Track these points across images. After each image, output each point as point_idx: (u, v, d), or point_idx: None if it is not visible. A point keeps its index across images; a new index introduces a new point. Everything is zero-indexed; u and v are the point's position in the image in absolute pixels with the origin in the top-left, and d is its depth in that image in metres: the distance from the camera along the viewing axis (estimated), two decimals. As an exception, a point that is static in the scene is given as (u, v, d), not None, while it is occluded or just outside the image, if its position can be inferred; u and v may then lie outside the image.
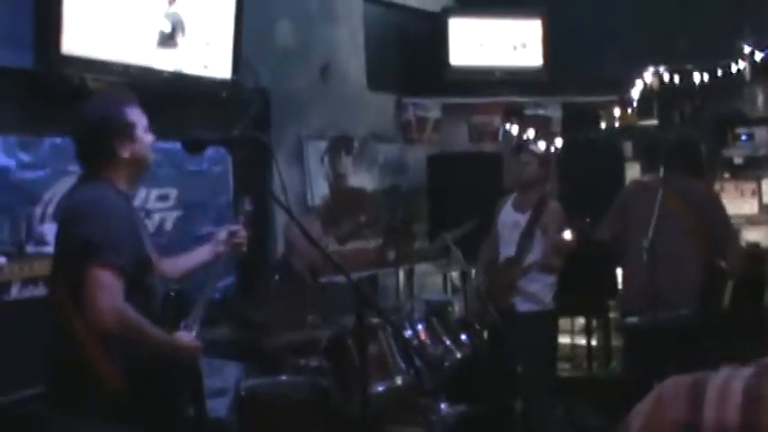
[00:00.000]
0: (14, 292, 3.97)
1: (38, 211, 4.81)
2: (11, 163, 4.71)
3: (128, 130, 3.28)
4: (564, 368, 7.47)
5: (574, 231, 5.52)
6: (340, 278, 3.69)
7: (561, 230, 5.57)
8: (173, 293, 3.39)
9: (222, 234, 3.75)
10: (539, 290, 5.75)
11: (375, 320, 4.55)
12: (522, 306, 5.72)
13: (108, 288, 2.97)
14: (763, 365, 1.08)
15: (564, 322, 7.48)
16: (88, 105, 3.37)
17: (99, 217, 3.13)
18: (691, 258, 5.43)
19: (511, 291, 5.70)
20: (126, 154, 3.27)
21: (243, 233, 3.73)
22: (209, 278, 3.63)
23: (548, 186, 6.08)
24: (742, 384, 1.06)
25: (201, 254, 3.75)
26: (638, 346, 5.78)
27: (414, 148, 8.05)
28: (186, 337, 3.28)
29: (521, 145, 6.56)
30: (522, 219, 5.79)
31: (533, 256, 5.71)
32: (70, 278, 3.06)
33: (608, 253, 6.41)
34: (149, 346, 3.12)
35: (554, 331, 6.21)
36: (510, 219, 5.90)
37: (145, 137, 3.35)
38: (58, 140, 4.92)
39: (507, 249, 5.84)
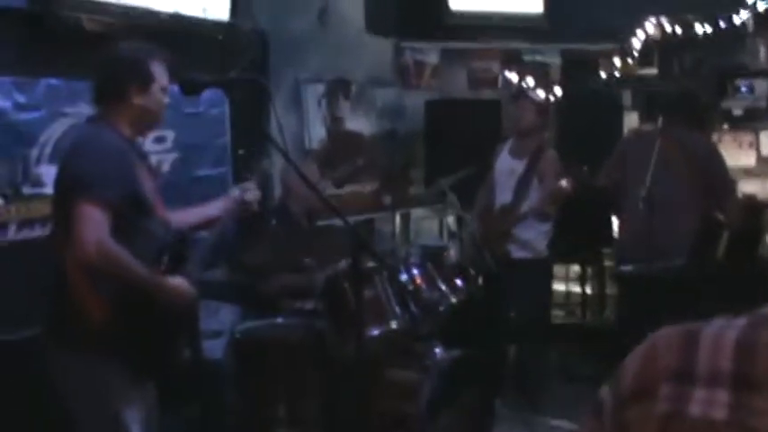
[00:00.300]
0: (11, 233, 3.96)
1: (34, 152, 4.79)
2: (7, 104, 4.68)
3: (146, 80, 3.35)
4: (558, 315, 7.52)
5: (570, 179, 5.53)
6: (336, 222, 3.70)
7: (557, 178, 5.58)
8: (174, 239, 3.39)
9: (235, 192, 3.75)
10: (533, 237, 5.77)
11: (371, 264, 4.57)
12: (517, 253, 5.74)
13: (93, 221, 3.00)
14: (757, 315, 1.09)
15: (559, 269, 7.52)
16: (116, 48, 3.42)
17: (91, 154, 3.17)
18: (687, 208, 5.45)
19: (506, 238, 5.72)
20: (137, 101, 3.30)
21: (256, 193, 3.72)
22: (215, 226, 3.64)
23: (545, 134, 6.07)
24: (735, 334, 1.06)
25: (211, 209, 3.76)
26: (632, 295, 5.81)
27: (412, 94, 8.01)
28: (177, 280, 3.28)
29: (519, 92, 6.54)
30: (519, 166, 5.80)
31: (529, 204, 5.72)
32: (63, 215, 3.09)
33: (604, 201, 6.43)
34: (133, 283, 3.14)
35: (548, 278, 6.25)
36: (506, 165, 5.90)
37: (160, 95, 3.38)
38: (55, 82, 4.90)
39: (503, 196, 5.85)
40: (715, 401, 1.03)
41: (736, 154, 7.63)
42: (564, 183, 5.47)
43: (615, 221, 7.18)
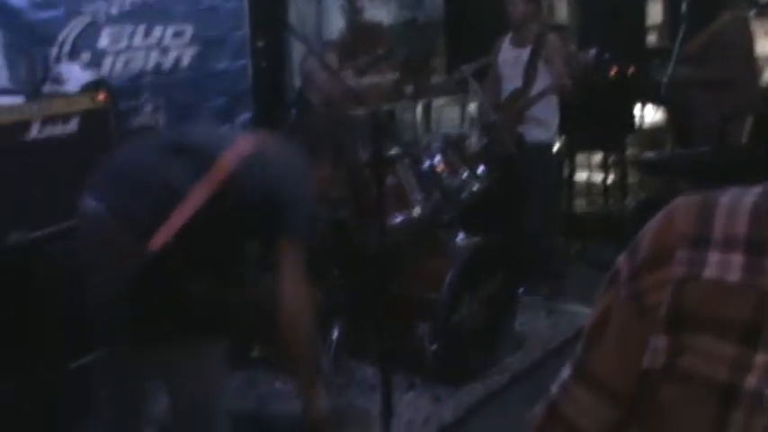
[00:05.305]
0: (34, 131, 3.98)
1: (53, 50, 4.80)
2: (23, 3, 4.66)
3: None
4: (580, 204, 7.53)
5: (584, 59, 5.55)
6: (358, 111, 3.70)
7: (567, 57, 5.58)
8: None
9: None
10: (549, 116, 5.77)
11: (393, 152, 4.57)
12: (533, 135, 5.71)
13: (300, 265, 2.95)
14: (773, 183, 1.10)
15: (581, 158, 7.50)
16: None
17: (309, 195, 3.14)
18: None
19: (519, 120, 5.69)
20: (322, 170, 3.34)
21: None
22: None
23: (543, 19, 6.00)
24: (752, 200, 1.08)
25: None
26: (655, 181, 5.84)
27: (431, -19, 7.89)
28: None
29: None
30: (524, 53, 5.75)
31: (539, 87, 5.69)
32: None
33: (626, 89, 6.40)
34: (301, 349, 3.02)
35: (556, 161, 6.27)
36: (510, 55, 5.86)
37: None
38: (71, -21, 4.87)
39: (512, 84, 5.81)
40: (729, 264, 1.04)
41: (764, 41, 7.51)
42: (592, 53, 5.48)
43: (637, 109, 7.16)
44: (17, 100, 3.99)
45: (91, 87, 4.31)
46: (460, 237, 4.86)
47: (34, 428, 3.70)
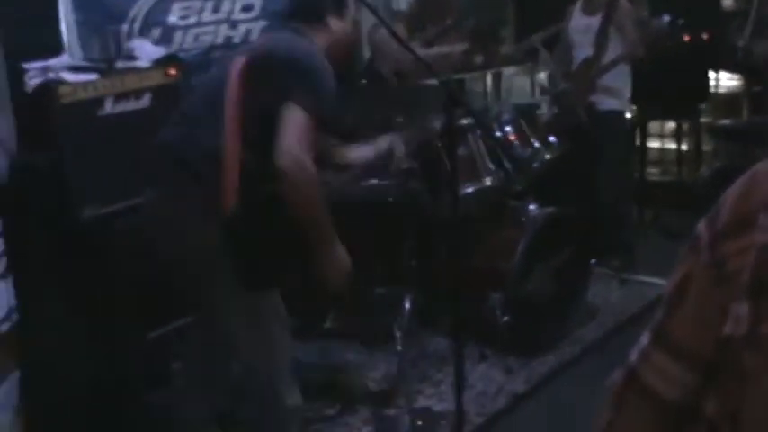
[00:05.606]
0: (108, 107, 4.04)
1: (125, 27, 4.85)
2: (95, -19, 4.72)
3: (342, 8, 3.33)
4: (653, 173, 7.43)
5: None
6: (428, 81, 3.67)
7: (639, 24, 5.53)
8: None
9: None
10: (621, 85, 5.70)
11: (464, 122, 4.54)
12: (603, 103, 5.65)
13: (300, 130, 2.90)
14: None
15: (654, 126, 7.40)
16: None
17: (312, 64, 3.08)
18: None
19: (591, 88, 5.63)
20: (334, 27, 3.30)
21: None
22: None
23: None
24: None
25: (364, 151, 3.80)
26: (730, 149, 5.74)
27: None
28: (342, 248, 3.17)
29: None
30: (594, 21, 5.68)
31: (611, 55, 5.63)
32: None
33: (700, 55, 6.28)
34: (309, 216, 2.99)
35: (628, 131, 6.21)
36: (581, 23, 5.81)
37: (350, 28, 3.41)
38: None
39: (583, 52, 5.75)
40: None
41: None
42: (666, 18, 5.42)
43: (712, 76, 7.02)
44: (91, 77, 4.05)
45: (162, 63, 4.35)
46: (532, 207, 4.84)
47: (113, 398, 3.78)
